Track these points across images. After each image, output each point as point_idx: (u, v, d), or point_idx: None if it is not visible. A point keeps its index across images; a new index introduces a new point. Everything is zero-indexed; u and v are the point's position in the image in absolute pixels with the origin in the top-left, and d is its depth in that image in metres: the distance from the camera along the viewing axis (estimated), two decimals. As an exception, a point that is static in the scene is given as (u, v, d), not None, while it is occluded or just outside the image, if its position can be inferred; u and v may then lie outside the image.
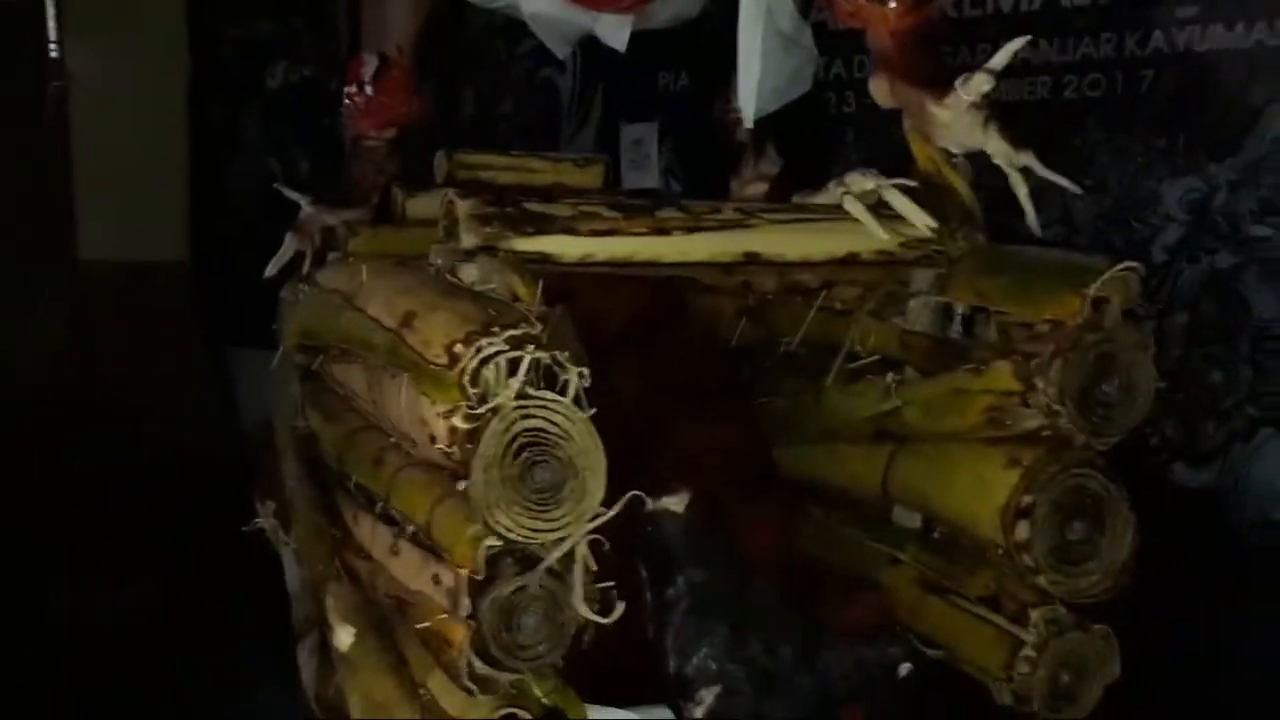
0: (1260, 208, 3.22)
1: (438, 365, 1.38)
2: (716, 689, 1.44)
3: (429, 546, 1.52)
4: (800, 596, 1.52)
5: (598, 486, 1.39)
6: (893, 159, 1.98)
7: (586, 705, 1.59)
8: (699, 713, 1.44)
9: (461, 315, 1.42)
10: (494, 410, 1.36)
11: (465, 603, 1.42)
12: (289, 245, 2.38)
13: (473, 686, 1.42)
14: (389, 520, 1.72)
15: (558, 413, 1.38)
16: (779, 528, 2.03)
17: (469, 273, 1.57)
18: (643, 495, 1.48)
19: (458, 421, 1.37)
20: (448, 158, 2.38)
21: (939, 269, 1.88)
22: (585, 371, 1.38)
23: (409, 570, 1.59)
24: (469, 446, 1.37)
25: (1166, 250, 3.19)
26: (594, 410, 1.38)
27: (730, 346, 2.31)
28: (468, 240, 1.57)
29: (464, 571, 1.42)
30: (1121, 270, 1.72)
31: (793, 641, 1.48)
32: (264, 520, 2.24)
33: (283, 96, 4.50)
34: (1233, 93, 3.17)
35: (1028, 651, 1.72)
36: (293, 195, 2.40)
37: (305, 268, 2.33)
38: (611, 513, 1.39)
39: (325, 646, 1.77)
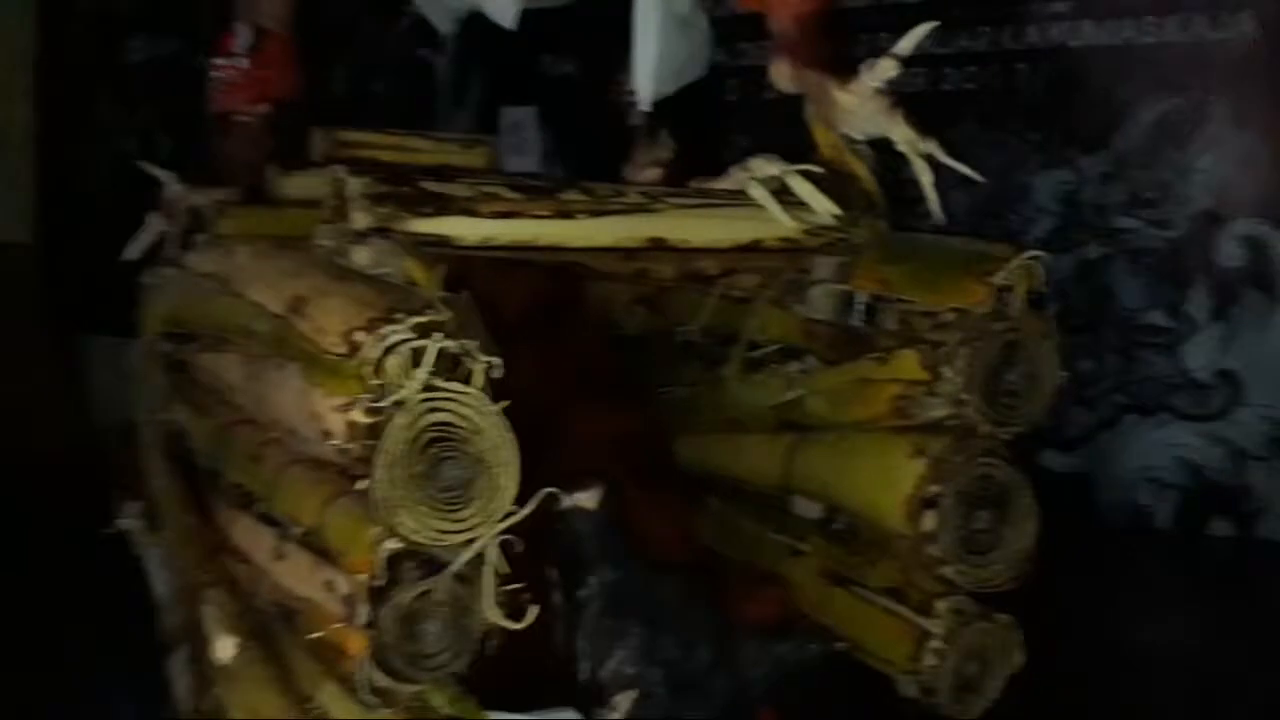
0: (1127, 200, 3.32)
1: (335, 355, 1.28)
2: (632, 693, 1.37)
3: (320, 550, 1.41)
4: (710, 592, 1.46)
5: (509, 484, 1.31)
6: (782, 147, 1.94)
7: (489, 713, 1.51)
8: (614, 718, 1.37)
9: (360, 301, 1.32)
10: (398, 403, 1.26)
11: (363, 610, 1.32)
12: (153, 226, 2.23)
13: (372, 699, 1.33)
14: (270, 521, 1.60)
15: (467, 405, 1.29)
16: (682, 521, 1.98)
17: (361, 256, 1.47)
18: (557, 492, 1.40)
19: (357, 415, 1.27)
20: (325, 135, 2.25)
21: (842, 256, 1.85)
22: (496, 362, 1.30)
23: (297, 575, 1.48)
24: (369, 442, 1.27)
25: (1039, 241, 3.25)
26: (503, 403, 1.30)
27: (627, 336, 2.25)
28: (360, 221, 1.47)
29: (361, 577, 1.32)
30: (1026, 259, 1.72)
31: (709, 640, 1.42)
32: (127, 521, 2.09)
33: (142, 72, 4.26)
34: (1103, 88, 3.26)
35: (935, 643, 1.71)
36: (157, 173, 2.24)
37: (170, 250, 2.18)
38: (524, 511, 1.31)
39: (201, 657, 1.65)
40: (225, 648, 1.52)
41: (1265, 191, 3.21)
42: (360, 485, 1.28)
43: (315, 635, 1.38)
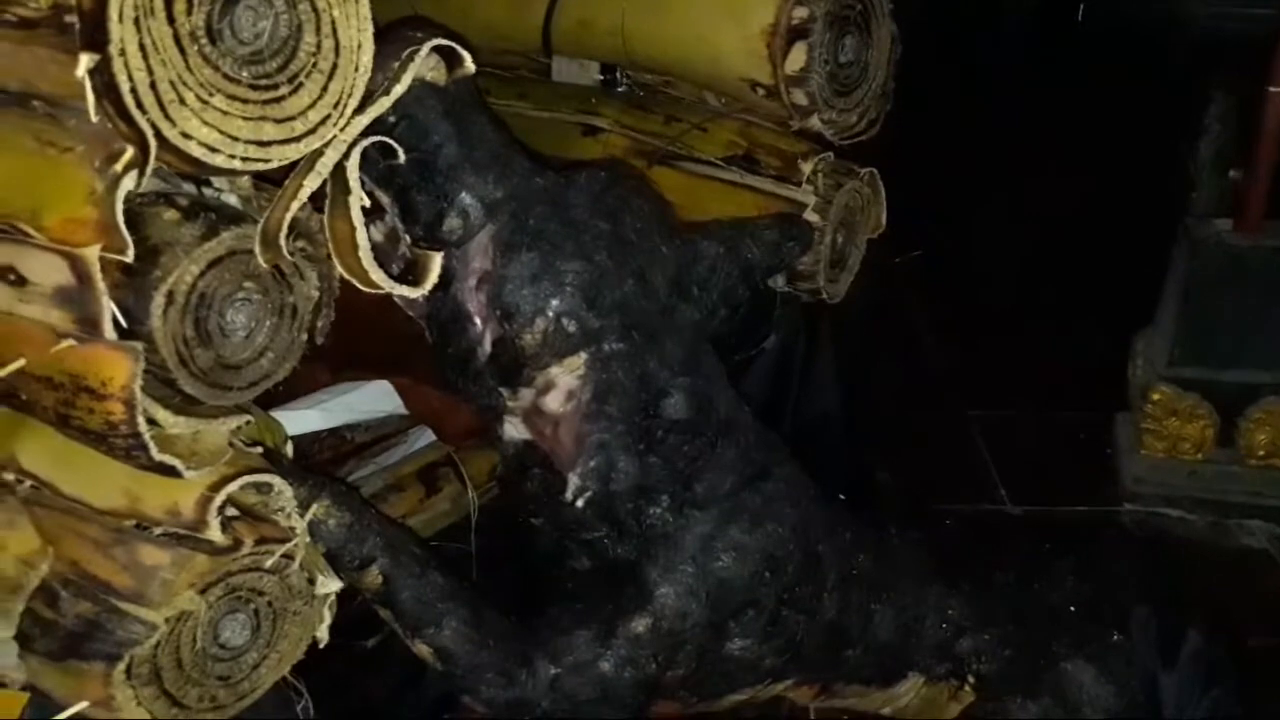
0: None
1: None
2: (580, 358, 0.87)
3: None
4: (626, 193, 0.95)
5: (364, 42, 0.71)
6: None
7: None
8: (555, 402, 0.87)
9: None
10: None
11: (105, 306, 0.71)
12: None
13: (174, 462, 0.74)
14: None
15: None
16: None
17: None
18: (416, 45, 0.81)
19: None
20: None
21: None
22: None
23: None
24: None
25: None
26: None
27: None
28: None
29: (91, 250, 0.70)
30: None
31: (660, 261, 0.93)
32: None
33: None
34: None
35: (810, 215, 1.34)
36: None
37: None
38: (392, 96, 0.74)
39: None
40: None
41: None
42: (83, 68, 0.63)
43: (12, 369, 0.75)
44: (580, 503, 0.89)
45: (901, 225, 1.47)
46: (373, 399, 1.23)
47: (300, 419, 1.13)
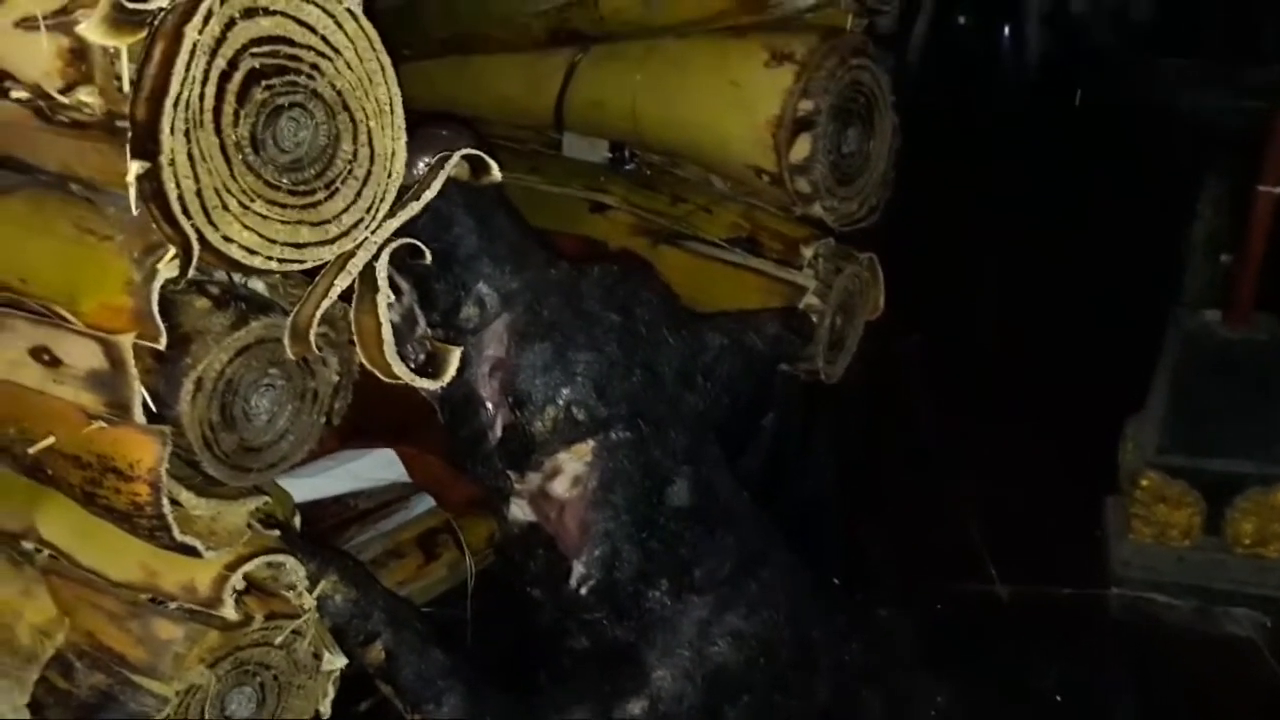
0: None
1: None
2: (588, 445, 0.90)
3: (20, 303, 0.77)
4: (635, 281, 0.99)
5: (397, 147, 0.74)
6: None
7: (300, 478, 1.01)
8: (562, 487, 0.89)
9: None
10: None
11: (136, 391, 0.73)
12: None
13: (194, 542, 0.77)
14: None
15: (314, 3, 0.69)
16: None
17: None
18: (449, 144, 0.84)
19: (92, 32, 0.64)
20: None
21: None
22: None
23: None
24: (145, 91, 0.65)
25: None
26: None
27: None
28: None
29: (126, 337, 0.72)
30: None
31: (669, 353, 0.96)
32: None
33: None
34: None
35: (810, 299, 1.37)
36: None
37: None
38: (425, 198, 0.77)
39: None
40: None
41: None
42: (133, 173, 0.66)
43: (42, 447, 0.77)
44: (584, 590, 0.92)
45: (901, 308, 1.51)
46: (376, 467, 1.26)
47: (307, 485, 1.15)
